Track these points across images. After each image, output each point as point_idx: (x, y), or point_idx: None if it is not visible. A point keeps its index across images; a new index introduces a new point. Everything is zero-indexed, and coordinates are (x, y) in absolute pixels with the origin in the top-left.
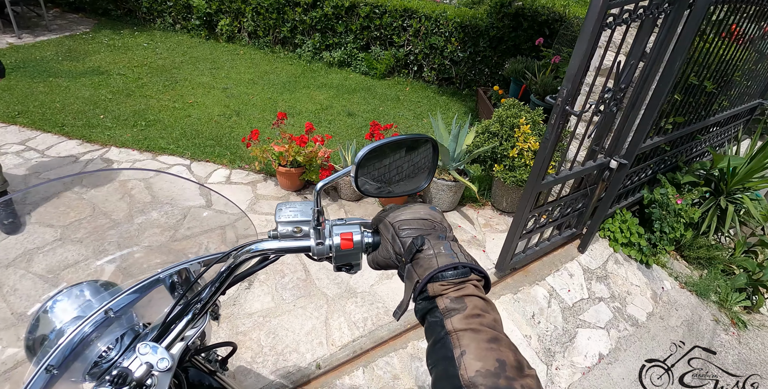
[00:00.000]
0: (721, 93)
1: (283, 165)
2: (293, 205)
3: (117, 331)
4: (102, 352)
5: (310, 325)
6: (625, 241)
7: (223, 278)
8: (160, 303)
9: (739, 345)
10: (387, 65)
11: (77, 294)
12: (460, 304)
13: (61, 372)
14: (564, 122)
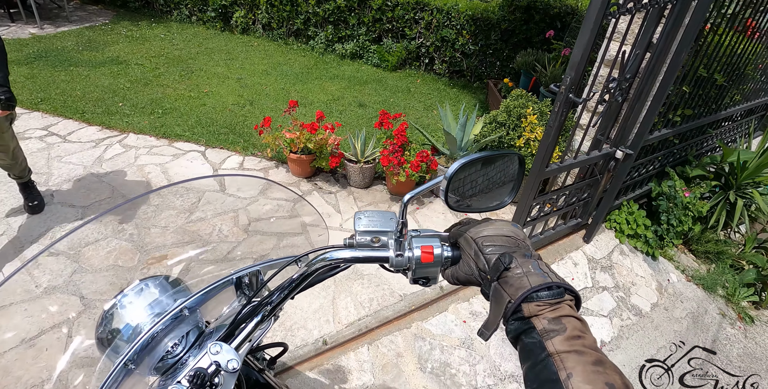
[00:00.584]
0: (732, 87)
1: (294, 152)
2: (372, 214)
3: (184, 328)
4: (170, 347)
5: (317, 304)
6: (632, 233)
7: (295, 284)
8: (222, 302)
9: (745, 339)
10: (398, 58)
11: (145, 290)
12: (559, 325)
13: (136, 366)
14: (567, 110)
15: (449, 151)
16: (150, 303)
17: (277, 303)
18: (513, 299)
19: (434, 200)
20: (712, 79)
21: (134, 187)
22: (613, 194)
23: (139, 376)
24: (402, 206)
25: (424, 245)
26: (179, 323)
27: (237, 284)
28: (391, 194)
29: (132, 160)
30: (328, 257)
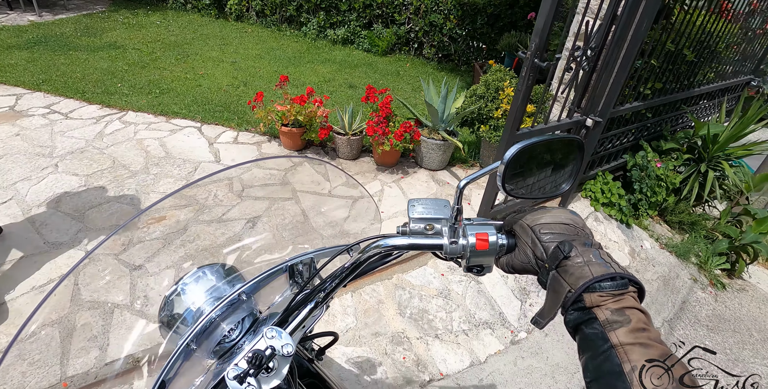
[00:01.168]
0: (704, 64)
1: (285, 125)
2: (426, 202)
3: (240, 314)
4: (227, 332)
5: None
6: (606, 201)
7: (348, 272)
8: (275, 290)
9: (715, 302)
10: (388, 43)
11: (202, 277)
12: (623, 316)
13: (197, 347)
14: (534, 74)
15: (432, 123)
16: (208, 289)
17: (329, 290)
18: (573, 288)
19: (418, 170)
20: (682, 54)
21: (134, 158)
22: (585, 162)
23: (198, 358)
24: (457, 192)
25: (479, 233)
26: (235, 309)
27: (290, 273)
28: (377, 165)
29: (131, 135)
30: (381, 245)
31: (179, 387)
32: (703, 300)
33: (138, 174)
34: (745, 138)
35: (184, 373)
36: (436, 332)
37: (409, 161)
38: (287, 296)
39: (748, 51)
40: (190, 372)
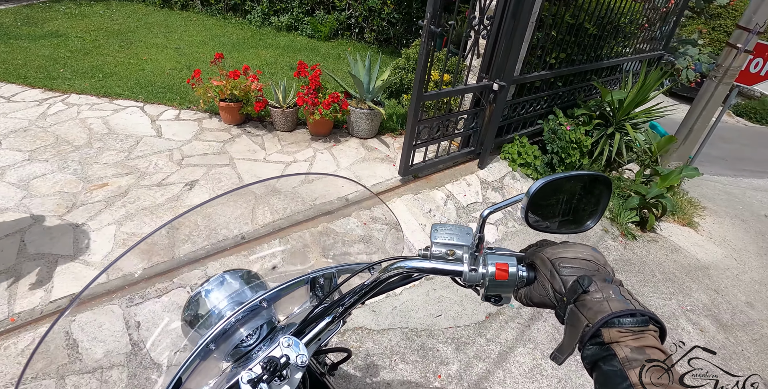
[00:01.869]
0: (609, 38)
1: (223, 100)
2: (449, 227)
3: (258, 321)
4: (245, 337)
5: (239, 212)
6: (523, 162)
7: (368, 289)
8: (295, 301)
9: (624, 250)
10: (330, 28)
11: (226, 281)
12: (643, 355)
13: (216, 349)
14: (432, 39)
15: (359, 94)
16: (231, 293)
17: (347, 306)
18: (591, 323)
19: (350, 138)
20: (584, 28)
21: (77, 135)
22: (496, 124)
23: (215, 359)
24: (480, 221)
25: (499, 263)
26: (255, 315)
27: (311, 285)
28: (312, 135)
29: (75, 114)
30: (403, 266)
31: (194, 386)
32: (612, 247)
33: (81, 148)
34: (650, 104)
35: (201, 372)
36: None
37: (342, 131)
38: (306, 307)
39: (656, 28)
40: (205, 372)
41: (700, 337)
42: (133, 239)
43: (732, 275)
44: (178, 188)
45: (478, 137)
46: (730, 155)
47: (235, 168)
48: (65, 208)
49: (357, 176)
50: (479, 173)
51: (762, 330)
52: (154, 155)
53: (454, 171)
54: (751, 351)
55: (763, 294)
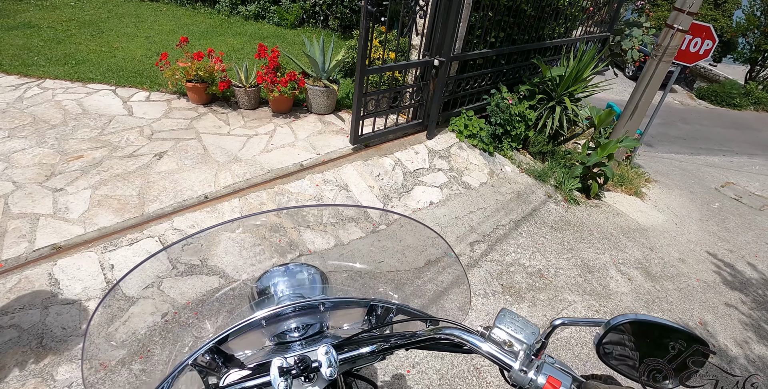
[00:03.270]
0: (549, 19)
1: (189, 81)
2: (517, 319)
3: (310, 320)
4: (292, 328)
5: (203, 177)
6: (469, 134)
7: (417, 341)
8: (350, 316)
9: (565, 213)
10: (296, 16)
11: (300, 272)
12: None
13: (265, 326)
14: (370, 19)
15: (315, 73)
16: (299, 284)
17: (392, 346)
18: None
19: (309, 114)
20: (521, 9)
21: (53, 115)
22: (440, 97)
23: (261, 335)
24: (548, 329)
25: (552, 377)
26: (309, 313)
27: (369, 310)
28: (273, 112)
29: (50, 97)
30: (458, 336)
31: (234, 346)
32: (554, 210)
33: (57, 126)
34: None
35: (245, 339)
36: (308, 224)
37: (302, 108)
38: (356, 328)
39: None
40: (248, 341)
41: (627, 284)
42: (107, 201)
43: (670, 236)
44: (148, 158)
45: (424, 110)
46: (688, 134)
47: (201, 141)
48: (44, 176)
49: (313, 146)
50: (427, 143)
51: (689, 281)
52: (125, 131)
53: (404, 141)
54: (674, 297)
55: (697, 252)
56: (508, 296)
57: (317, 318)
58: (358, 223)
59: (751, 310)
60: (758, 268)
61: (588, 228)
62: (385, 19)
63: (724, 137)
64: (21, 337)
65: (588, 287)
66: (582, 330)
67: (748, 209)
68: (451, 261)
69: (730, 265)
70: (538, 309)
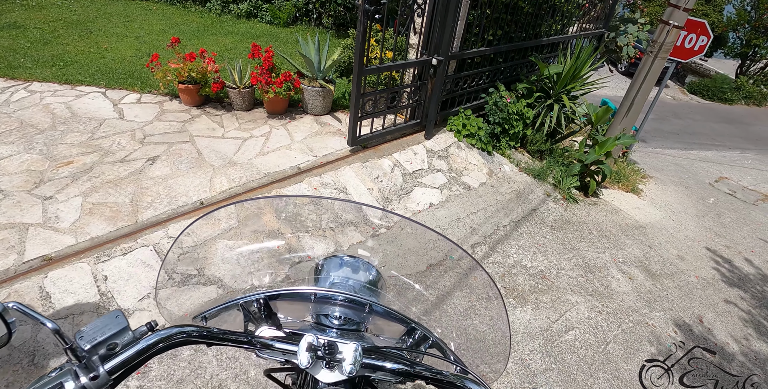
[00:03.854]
0: (546, 16)
1: (182, 82)
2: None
3: (354, 314)
4: (335, 315)
5: (198, 182)
6: (468, 133)
7: (438, 380)
8: (389, 328)
9: (564, 211)
10: (289, 14)
11: (362, 266)
12: None
13: (313, 301)
14: (366, 17)
15: (310, 73)
16: (358, 278)
17: (415, 374)
18: None
19: (304, 115)
20: (519, 7)
21: (41, 119)
22: (438, 97)
23: (305, 307)
24: None
25: None
26: (355, 309)
27: (408, 331)
28: (268, 113)
29: (38, 101)
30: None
31: (280, 307)
32: (553, 209)
33: (46, 131)
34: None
35: (292, 305)
36: (307, 229)
37: (298, 109)
38: (390, 341)
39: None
40: (293, 308)
41: (629, 283)
42: (99, 209)
43: (668, 233)
44: (141, 163)
45: (422, 110)
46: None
47: (195, 144)
48: (33, 184)
49: (309, 148)
50: (426, 143)
51: (688, 278)
52: (116, 135)
53: (402, 142)
54: (675, 295)
55: (695, 249)
56: (511, 299)
57: (360, 316)
58: (357, 227)
59: (751, 307)
60: (755, 264)
61: (587, 227)
62: (382, 18)
63: (716, 132)
64: (12, 355)
65: (590, 288)
66: (586, 332)
67: (743, 203)
68: (493, 295)
69: (727, 261)
70: (542, 312)
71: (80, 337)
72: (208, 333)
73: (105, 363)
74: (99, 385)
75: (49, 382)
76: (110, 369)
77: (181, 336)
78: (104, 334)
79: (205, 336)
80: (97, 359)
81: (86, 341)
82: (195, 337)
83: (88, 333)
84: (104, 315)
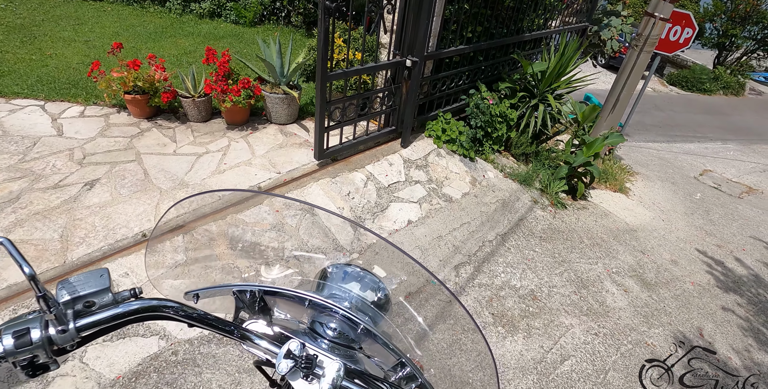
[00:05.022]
0: (528, 10)
1: (128, 92)
2: None
3: (349, 330)
4: (330, 325)
5: (141, 209)
6: (448, 139)
7: None
8: (382, 358)
9: (553, 219)
10: (255, 13)
11: (371, 284)
12: None
13: (308, 306)
14: (328, 16)
15: (273, 78)
16: (364, 293)
17: None
18: None
19: (268, 125)
20: (499, 0)
21: None
22: (414, 101)
23: (302, 311)
24: None
25: None
26: (350, 326)
27: (402, 363)
28: (228, 124)
29: None
30: None
31: (278, 303)
32: (541, 217)
33: None
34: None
35: (288, 304)
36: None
37: (261, 118)
38: (382, 369)
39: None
40: (289, 307)
41: (624, 297)
42: (22, 247)
43: (659, 235)
44: (77, 188)
45: (397, 116)
46: (663, 122)
47: (142, 164)
48: None
49: (272, 163)
50: (402, 152)
51: (684, 286)
52: (52, 155)
53: (375, 151)
54: (672, 306)
55: (687, 251)
56: (500, 326)
57: (355, 334)
58: (327, 254)
59: (749, 314)
60: (747, 263)
61: (578, 235)
62: (348, 15)
63: (697, 123)
64: None
65: (584, 306)
66: (584, 360)
67: (728, 197)
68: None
69: (720, 263)
70: (534, 340)
71: (61, 287)
72: (192, 313)
73: (78, 319)
74: (65, 340)
75: (17, 325)
76: (80, 327)
77: (162, 310)
78: (85, 290)
79: (187, 315)
80: (71, 314)
81: (67, 292)
82: (176, 315)
83: (71, 284)
84: (91, 270)
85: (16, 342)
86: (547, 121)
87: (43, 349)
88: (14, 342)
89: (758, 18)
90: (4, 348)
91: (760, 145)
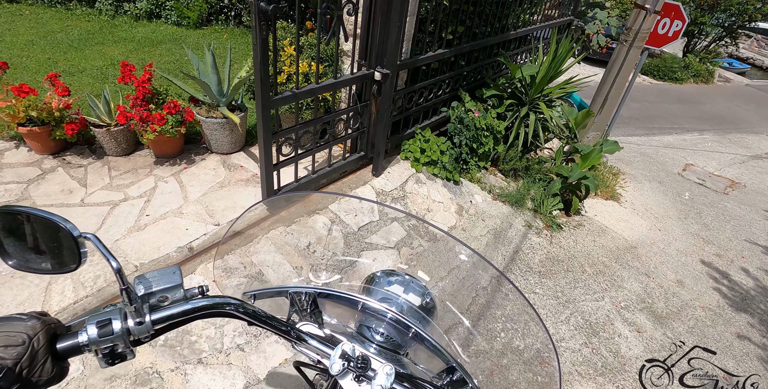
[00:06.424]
0: (513, 4)
1: (22, 124)
2: None
3: (397, 336)
4: (378, 330)
5: (26, 294)
6: (428, 160)
7: None
8: (431, 360)
9: (550, 245)
10: (200, 13)
11: (421, 292)
12: None
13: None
14: (263, 22)
15: (209, 98)
16: (408, 297)
17: None
18: None
19: (208, 156)
20: None
21: None
22: (387, 119)
23: (352, 315)
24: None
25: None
26: (400, 331)
27: (449, 369)
28: (157, 157)
29: None
30: None
31: (327, 307)
32: (538, 245)
33: None
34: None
35: (339, 307)
36: (200, 357)
37: (200, 146)
38: (428, 375)
39: None
40: (340, 311)
41: (638, 341)
42: None
43: (659, 250)
44: None
45: (367, 139)
46: (640, 114)
47: None
48: None
49: (209, 211)
50: (374, 182)
51: (695, 313)
52: None
53: (342, 185)
54: (689, 342)
55: (690, 266)
56: None
57: (403, 340)
58: (279, 339)
59: (764, 338)
60: (750, 273)
61: (579, 262)
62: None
63: (672, 114)
64: None
65: (598, 362)
66: None
67: (714, 194)
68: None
69: (725, 275)
70: None
71: (138, 282)
72: (253, 312)
73: (153, 313)
74: (141, 332)
75: (100, 315)
76: (155, 320)
77: (227, 307)
78: (159, 286)
79: (249, 314)
80: (147, 307)
81: (144, 287)
82: (239, 312)
83: (147, 280)
84: (164, 267)
85: (99, 331)
86: (539, 131)
87: (122, 339)
88: (98, 332)
89: (726, 5)
90: (89, 337)
91: (735, 134)
